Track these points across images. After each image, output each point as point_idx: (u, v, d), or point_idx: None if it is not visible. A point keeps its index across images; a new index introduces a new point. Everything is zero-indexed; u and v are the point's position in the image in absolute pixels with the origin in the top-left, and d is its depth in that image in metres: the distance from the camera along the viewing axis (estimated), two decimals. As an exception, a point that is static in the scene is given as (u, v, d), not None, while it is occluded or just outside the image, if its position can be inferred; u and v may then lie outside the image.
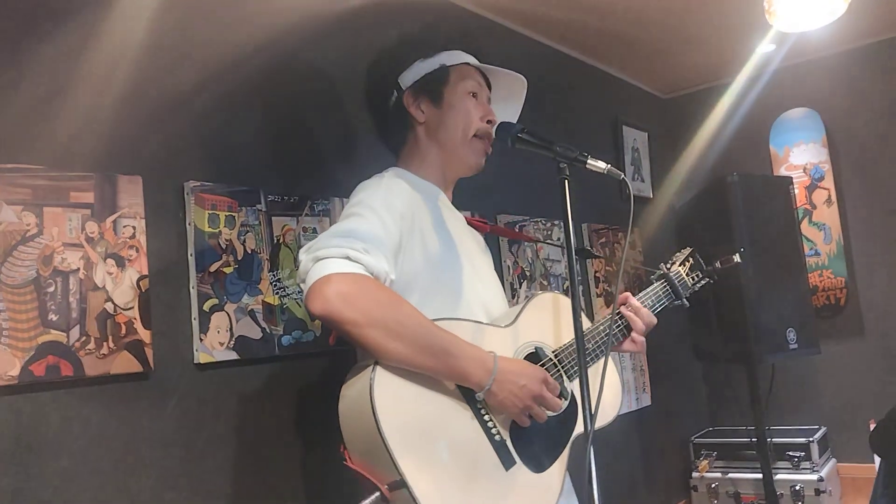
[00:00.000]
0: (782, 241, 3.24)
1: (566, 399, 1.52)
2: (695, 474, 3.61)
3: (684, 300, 1.80)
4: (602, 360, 1.58)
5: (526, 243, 2.81)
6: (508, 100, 1.81)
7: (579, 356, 1.32)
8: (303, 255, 1.32)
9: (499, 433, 1.40)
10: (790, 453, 3.41)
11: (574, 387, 1.54)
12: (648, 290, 1.76)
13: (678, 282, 1.80)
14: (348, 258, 1.28)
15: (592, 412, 1.28)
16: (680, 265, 1.85)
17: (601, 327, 1.63)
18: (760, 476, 3.21)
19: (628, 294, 1.72)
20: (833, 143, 3.78)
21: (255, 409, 1.79)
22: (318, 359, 1.94)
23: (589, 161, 1.45)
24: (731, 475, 3.52)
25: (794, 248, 3.29)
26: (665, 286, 1.78)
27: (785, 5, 1.98)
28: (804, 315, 3.23)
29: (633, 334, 1.67)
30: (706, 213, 3.37)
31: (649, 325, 1.68)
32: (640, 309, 1.68)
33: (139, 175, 1.63)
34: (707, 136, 4.10)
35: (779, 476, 3.31)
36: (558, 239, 3.01)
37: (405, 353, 1.28)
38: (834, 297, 3.71)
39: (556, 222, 2.99)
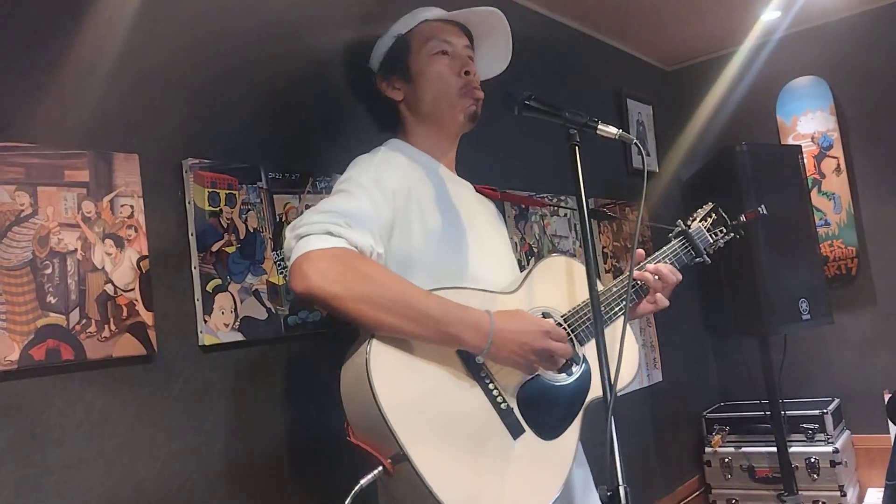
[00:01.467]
0: (792, 210, 3.19)
1: (577, 364, 1.47)
2: (708, 449, 3.58)
3: (705, 257, 1.73)
4: (614, 323, 1.54)
5: (533, 219, 2.76)
6: (494, 39, 1.73)
7: (595, 318, 1.26)
8: (287, 233, 1.29)
9: (505, 401, 1.35)
10: (804, 425, 3.37)
11: (586, 350, 1.50)
12: (665, 248, 1.70)
13: (699, 238, 1.73)
14: (329, 233, 1.25)
15: (611, 377, 1.22)
16: (700, 221, 1.79)
17: (614, 289, 1.57)
18: (775, 449, 3.18)
19: (642, 252, 1.66)
20: (841, 111, 3.71)
21: (262, 391, 1.75)
22: (325, 338, 1.90)
23: (599, 126, 1.40)
24: (744, 449, 3.49)
25: (805, 218, 3.24)
26: (684, 243, 1.72)
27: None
28: (816, 285, 3.18)
29: (650, 296, 1.61)
30: (714, 183, 3.32)
31: (672, 284, 1.61)
32: (660, 269, 1.61)
33: (135, 153, 1.58)
34: (713, 107, 4.04)
35: (793, 449, 3.27)
36: (564, 215, 2.96)
37: (394, 323, 1.24)
38: (845, 266, 3.66)
39: (563, 197, 2.93)
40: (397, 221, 1.39)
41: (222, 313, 1.67)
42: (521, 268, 2.61)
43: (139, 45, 1.63)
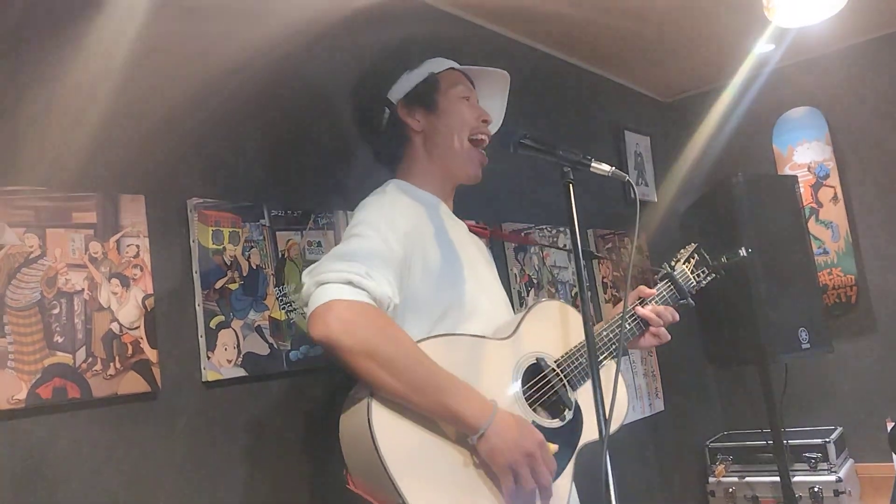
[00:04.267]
0: (790, 240, 3.21)
1: (570, 409, 1.49)
2: (711, 479, 3.56)
3: (689, 300, 1.77)
4: (607, 365, 1.57)
5: (532, 251, 2.80)
6: (493, 98, 1.83)
7: (590, 359, 1.30)
8: (306, 278, 1.31)
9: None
10: (807, 454, 3.36)
11: (578, 396, 1.52)
12: (654, 294, 1.74)
13: (682, 280, 1.78)
14: (351, 283, 1.27)
15: (606, 417, 1.25)
16: (684, 263, 1.83)
17: (605, 332, 1.61)
18: (778, 479, 3.17)
19: (642, 288, 1.71)
20: (836, 141, 3.76)
21: (266, 426, 1.77)
22: (328, 373, 1.92)
23: (593, 164, 1.45)
24: (748, 479, 3.47)
25: (803, 247, 3.26)
26: (669, 286, 1.77)
27: (783, 0, 1.97)
28: (815, 314, 3.19)
29: (652, 329, 1.65)
30: (712, 214, 3.35)
31: (669, 322, 1.68)
32: (657, 309, 1.67)
33: (141, 194, 1.62)
34: (710, 138, 4.08)
35: (797, 478, 3.26)
36: (564, 245, 2.99)
37: (397, 389, 1.26)
38: (844, 294, 3.67)
39: (562, 229, 2.97)
40: (407, 262, 1.42)
41: (225, 349, 1.70)
42: (519, 300, 2.65)
43: (143, 88, 1.68)
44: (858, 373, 3.69)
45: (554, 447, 1.39)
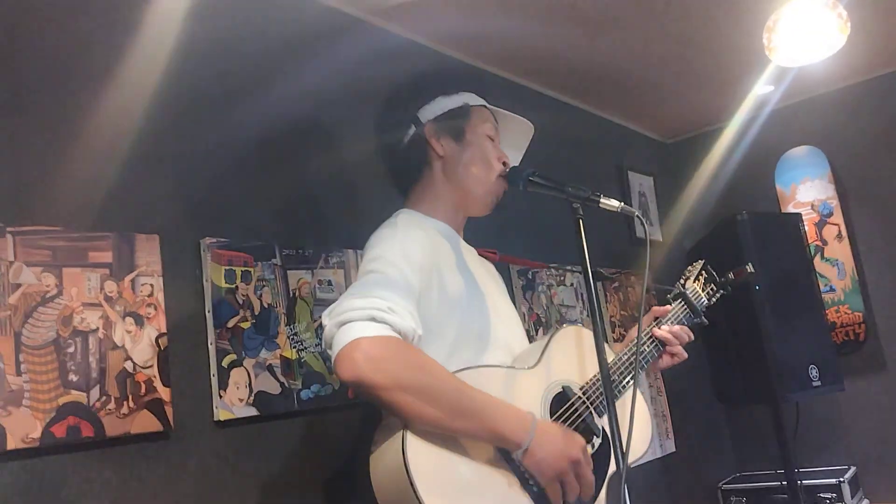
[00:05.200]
0: (797, 277, 3.22)
1: (598, 436, 1.49)
2: (725, 522, 3.51)
3: (702, 318, 1.78)
4: (629, 391, 1.56)
5: (540, 289, 2.81)
6: (514, 145, 1.83)
7: (606, 390, 1.31)
8: (326, 320, 1.27)
9: (536, 485, 1.34)
10: (821, 495, 3.31)
11: (604, 422, 1.51)
12: (670, 314, 1.75)
13: (694, 299, 1.78)
14: (374, 319, 1.24)
15: (624, 448, 1.25)
16: (694, 280, 1.83)
17: (624, 356, 1.61)
18: (793, 520, 3.12)
19: (656, 308, 1.71)
20: (839, 179, 3.79)
21: (277, 466, 1.76)
22: (339, 412, 1.92)
23: (602, 200, 1.47)
24: (762, 521, 3.42)
25: (809, 285, 3.26)
26: (683, 306, 1.77)
27: (784, 41, 2.01)
28: (825, 351, 3.18)
29: (669, 348, 1.65)
30: (717, 252, 3.33)
31: (686, 341, 1.68)
32: (673, 329, 1.68)
33: (156, 233, 1.64)
34: (713, 177, 4.12)
35: (812, 519, 3.21)
36: (571, 284, 3.00)
37: (438, 417, 1.24)
38: (853, 332, 3.66)
39: (569, 267, 2.98)
40: (422, 293, 1.41)
41: (237, 388, 1.70)
42: (529, 339, 2.65)
43: (159, 130, 1.72)
44: (870, 411, 3.65)
45: None
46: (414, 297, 1.35)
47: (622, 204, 1.48)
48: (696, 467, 3.62)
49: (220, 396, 1.67)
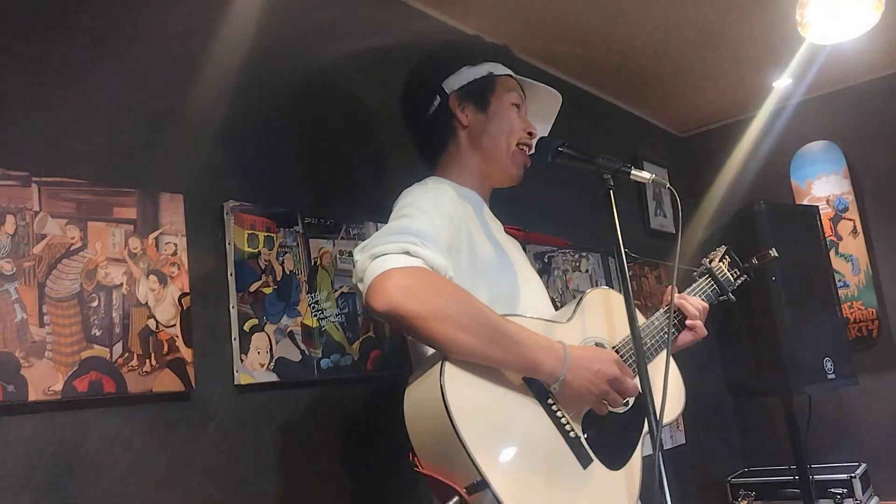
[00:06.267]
0: (812, 270, 3.18)
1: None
2: (734, 516, 3.48)
3: (730, 295, 1.76)
4: (658, 356, 1.54)
5: (556, 273, 2.78)
6: (541, 117, 1.81)
7: (638, 356, 1.29)
8: (358, 255, 1.27)
9: (573, 429, 1.33)
10: (832, 490, 3.28)
11: (636, 380, 1.49)
12: (694, 286, 1.74)
13: (721, 277, 1.77)
14: (407, 252, 1.23)
15: (658, 411, 1.23)
16: (719, 261, 1.82)
17: (656, 322, 1.59)
18: (803, 515, 3.09)
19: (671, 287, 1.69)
20: (855, 175, 3.77)
21: (296, 435, 1.73)
22: (357, 384, 1.89)
23: (633, 171, 1.45)
24: (771, 515, 3.39)
25: (825, 278, 3.23)
26: (710, 282, 1.76)
27: (817, 16, 1.99)
28: (839, 345, 3.15)
29: (688, 321, 1.64)
30: (734, 243, 3.31)
31: (702, 312, 1.67)
32: (687, 297, 1.69)
33: (180, 193, 1.62)
34: (728, 172, 4.09)
35: (823, 515, 3.19)
36: (586, 271, 2.97)
37: (474, 345, 1.22)
38: (866, 328, 3.64)
39: (584, 253, 2.96)
40: (452, 245, 1.39)
41: (258, 353, 1.68)
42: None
43: (188, 92, 1.70)
44: (881, 408, 3.62)
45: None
46: (444, 243, 1.33)
47: (653, 175, 1.47)
48: (705, 460, 3.59)
49: (242, 360, 1.64)
